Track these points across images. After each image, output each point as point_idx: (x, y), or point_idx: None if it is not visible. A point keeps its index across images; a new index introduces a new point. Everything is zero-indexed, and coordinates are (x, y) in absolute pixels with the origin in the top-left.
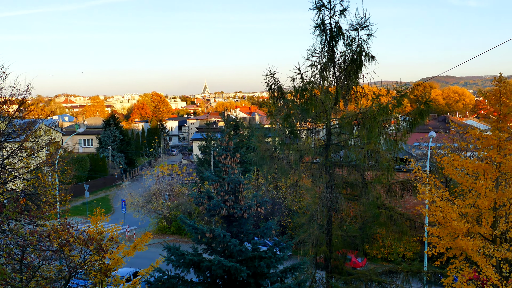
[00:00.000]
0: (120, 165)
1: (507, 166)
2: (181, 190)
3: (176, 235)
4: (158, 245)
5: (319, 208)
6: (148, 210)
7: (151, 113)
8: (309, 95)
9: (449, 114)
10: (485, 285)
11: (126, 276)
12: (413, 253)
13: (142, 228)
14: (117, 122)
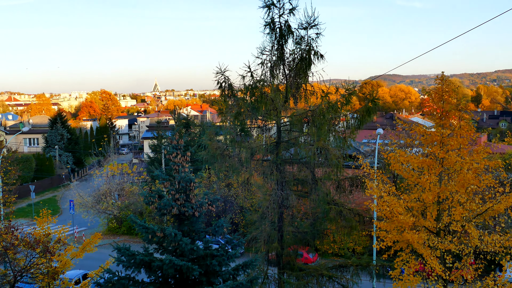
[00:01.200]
0: (68, 165)
1: (449, 162)
2: (131, 189)
3: (127, 235)
4: (108, 246)
5: (270, 205)
6: (97, 211)
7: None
8: (259, 93)
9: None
10: (430, 276)
11: (75, 279)
12: (363, 247)
13: (91, 229)
14: (64, 120)
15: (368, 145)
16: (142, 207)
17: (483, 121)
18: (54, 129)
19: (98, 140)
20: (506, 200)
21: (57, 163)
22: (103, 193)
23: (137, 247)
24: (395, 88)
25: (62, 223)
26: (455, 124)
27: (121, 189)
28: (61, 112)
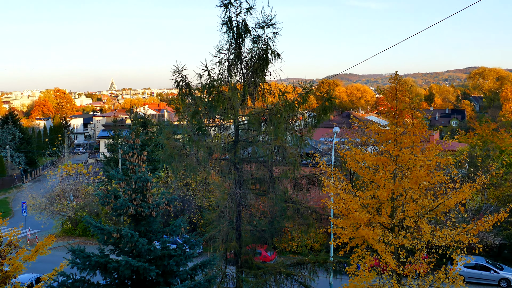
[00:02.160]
0: (20, 166)
1: (403, 159)
2: (87, 190)
3: (83, 237)
4: (62, 248)
5: (228, 204)
6: (51, 212)
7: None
8: (216, 92)
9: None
10: (385, 271)
11: (28, 283)
12: (320, 244)
13: (45, 231)
14: (16, 119)
15: (325, 144)
16: (98, 208)
17: (436, 119)
18: (5, 128)
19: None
20: (456, 195)
21: (8, 164)
22: (57, 194)
23: (92, 248)
24: (352, 87)
25: (13, 226)
26: (408, 122)
27: (76, 189)
28: (12, 111)
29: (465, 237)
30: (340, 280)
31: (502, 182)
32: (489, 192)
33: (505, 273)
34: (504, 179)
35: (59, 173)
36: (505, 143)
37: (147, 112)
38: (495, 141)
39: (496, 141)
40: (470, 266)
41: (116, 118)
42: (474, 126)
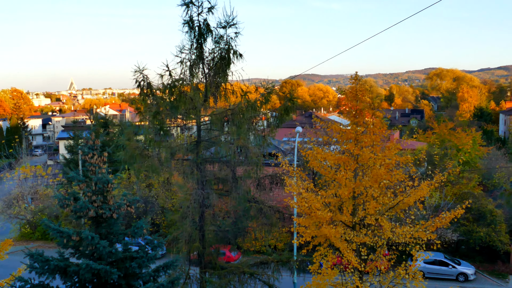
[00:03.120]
0: None
1: (363, 158)
2: (46, 192)
3: (42, 241)
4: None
5: (191, 205)
6: (8, 216)
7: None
8: (178, 92)
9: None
10: (347, 269)
11: None
12: (284, 243)
13: (1, 236)
14: None
15: (288, 143)
16: (58, 211)
17: (396, 119)
18: None
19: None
20: (415, 193)
21: None
22: (14, 197)
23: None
24: (314, 87)
25: None
26: (368, 122)
27: (34, 192)
28: None
29: (424, 234)
30: (303, 279)
31: (459, 180)
32: (447, 189)
33: (463, 268)
34: (461, 177)
35: (16, 175)
36: (462, 142)
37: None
38: (453, 140)
39: (454, 140)
40: (429, 261)
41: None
42: (432, 125)
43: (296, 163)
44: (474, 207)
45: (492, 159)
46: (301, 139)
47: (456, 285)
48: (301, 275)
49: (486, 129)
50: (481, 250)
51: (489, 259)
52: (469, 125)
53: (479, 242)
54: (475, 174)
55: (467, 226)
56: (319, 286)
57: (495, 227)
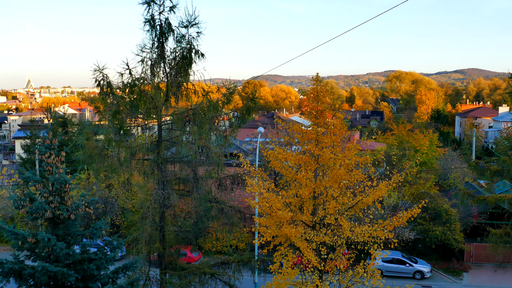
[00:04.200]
0: None
1: (324, 158)
2: (1, 193)
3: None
4: None
5: (151, 205)
6: None
7: None
8: (138, 91)
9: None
10: (307, 268)
11: None
12: (246, 243)
13: None
14: None
15: (250, 144)
16: (14, 212)
17: (356, 120)
18: None
19: None
20: (373, 193)
21: None
22: None
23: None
24: (276, 88)
25: None
26: (329, 122)
27: None
28: None
29: (382, 233)
30: (264, 278)
31: (417, 180)
32: (405, 189)
33: (419, 266)
34: (418, 177)
35: None
36: (419, 143)
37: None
38: (411, 141)
39: (412, 141)
40: (387, 260)
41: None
42: (391, 126)
43: (257, 163)
44: (431, 206)
45: (448, 160)
46: (263, 139)
47: (412, 282)
48: (262, 275)
49: (442, 131)
50: (437, 248)
51: (445, 257)
52: (426, 127)
53: (435, 240)
54: (432, 175)
55: (423, 225)
56: (280, 285)
57: (450, 226)
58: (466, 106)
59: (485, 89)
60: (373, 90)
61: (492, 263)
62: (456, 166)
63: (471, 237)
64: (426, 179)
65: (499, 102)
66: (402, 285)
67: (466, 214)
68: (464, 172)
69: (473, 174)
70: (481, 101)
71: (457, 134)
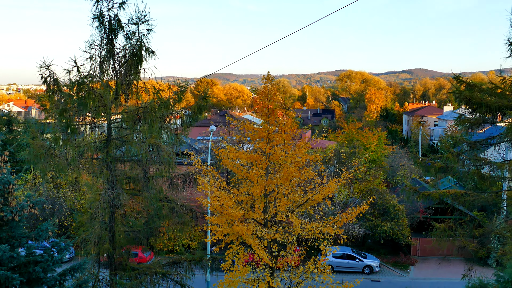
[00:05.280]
0: None
1: (275, 156)
2: None
3: None
4: None
5: (101, 205)
6: None
7: None
8: (87, 88)
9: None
10: (258, 265)
11: None
12: (198, 242)
13: None
14: None
15: (202, 142)
16: None
17: (308, 119)
18: None
19: None
20: (324, 190)
21: None
22: None
23: None
24: (229, 87)
25: None
26: (280, 121)
27: None
28: None
29: (332, 229)
30: (216, 277)
31: (366, 177)
32: (355, 186)
33: (368, 261)
34: (367, 174)
35: None
36: (369, 141)
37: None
38: (360, 139)
39: (361, 139)
40: (338, 256)
41: None
42: (342, 125)
43: (210, 161)
44: (379, 203)
45: (396, 157)
46: (215, 137)
47: (362, 277)
48: (214, 273)
49: (391, 129)
50: (385, 243)
51: (393, 251)
52: (375, 125)
53: (384, 235)
54: (381, 172)
55: (372, 221)
56: (232, 283)
57: (398, 221)
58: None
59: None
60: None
61: (437, 256)
62: (403, 163)
63: (418, 231)
64: (375, 176)
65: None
66: (351, 279)
67: (412, 209)
68: (411, 169)
69: (419, 171)
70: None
71: (405, 132)
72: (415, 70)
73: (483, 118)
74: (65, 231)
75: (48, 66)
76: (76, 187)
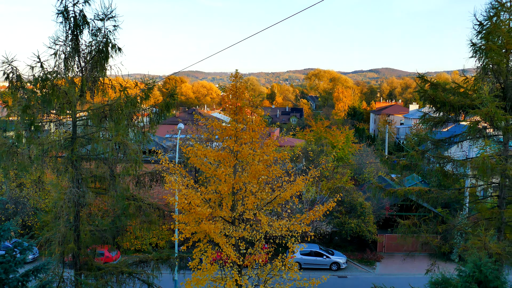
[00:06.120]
0: None
1: (243, 154)
2: None
3: None
4: None
5: (65, 204)
6: None
7: None
8: (51, 85)
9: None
10: (226, 264)
11: None
12: (166, 241)
13: None
14: None
15: (170, 140)
16: None
17: (277, 117)
18: None
19: None
20: (291, 188)
21: None
22: None
23: None
24: (198, 84)
25: None
26: (248, 119)
27: None
28: None
29: (299, 227)
30: (184, 275)
31: (334, 175)
32: (323, 184)
33: (336, 257)
34: (335, 172)
35: None
36: (336, 139)
37: None
38: (328, 137)
39: (329, 137)
40: (305, 253)
41: None
42: (310, 123)
43: (178, 160)
44: (347, 200)
45: (363, 155)
46: (183, 135)
47: (329, 274)
48: (181, 272)
49: (358, 127)
50: (352, 240)
51: (359, 248)
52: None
53: (351, 232)
54: (348, 170)
55: (340, 218)
56: (199, 281)
57: (365, 218)
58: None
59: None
60: (293, 87)
61: (402, 252)
62: (370, 161)
63: (384, 228)
64: (343, 173)
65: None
66: (319, 276)
67: (379, 206)
68: (377, 167)
69: (385, 168)
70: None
71: (372, 130)
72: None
73: (447, 116)
74: (28, 231)
75: (10, 62)
76: (40, 186)
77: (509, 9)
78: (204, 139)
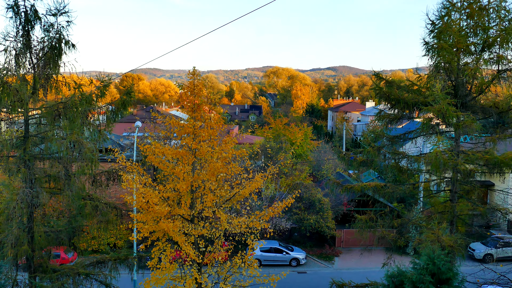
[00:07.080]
0: None
1: (201, 152)
2: None
3: None
4: None
5: (18, 205)
6: None
7: None
8: (1, 82)
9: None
10: (186, 262)
11: None
12: (124, 241)
13: None
14: None
15: (128, 138)
16: None
17: (236, 114)
18: None
19: None
20: (250, 185)
21: None
22: None
23: None
24: (156, 82)
25: None
26: (206, 116)
27: None
28: None
29: (259, 223)
30: (143, 275)
31: (292, 172)
32: (282, 181)
33: (295, 253)
34: (294, 169)
35: None
36: (295, 136)
37: None
38: (287, 134)
39: (288, 134)
40: (265, 249)
41: None
42: (269, 120)
43: (135, 158)
44: (305, 196)
45: (321, 152)
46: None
47: (288, 269)
48: (140, 272)
49: (316, 125)
50: (311, 236)
51: (318, 243)
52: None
53: (310, 228)
54: (306, 166)
55: (299, 215)
56: (158, 281)
57: (323, 214)
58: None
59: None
60: (252, 85)
61: (360, 247)
62: (328, 158)
63: (342, 223)
64: (301, 170)
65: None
66: (278, 272)
67: (337, 202)
68: (335, 163)
69: (343, 165)
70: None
71: (330, 127)
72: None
73: (401, 113)
74: None
75: None
76: None
77: (460, 9)
78: (162, 137)
